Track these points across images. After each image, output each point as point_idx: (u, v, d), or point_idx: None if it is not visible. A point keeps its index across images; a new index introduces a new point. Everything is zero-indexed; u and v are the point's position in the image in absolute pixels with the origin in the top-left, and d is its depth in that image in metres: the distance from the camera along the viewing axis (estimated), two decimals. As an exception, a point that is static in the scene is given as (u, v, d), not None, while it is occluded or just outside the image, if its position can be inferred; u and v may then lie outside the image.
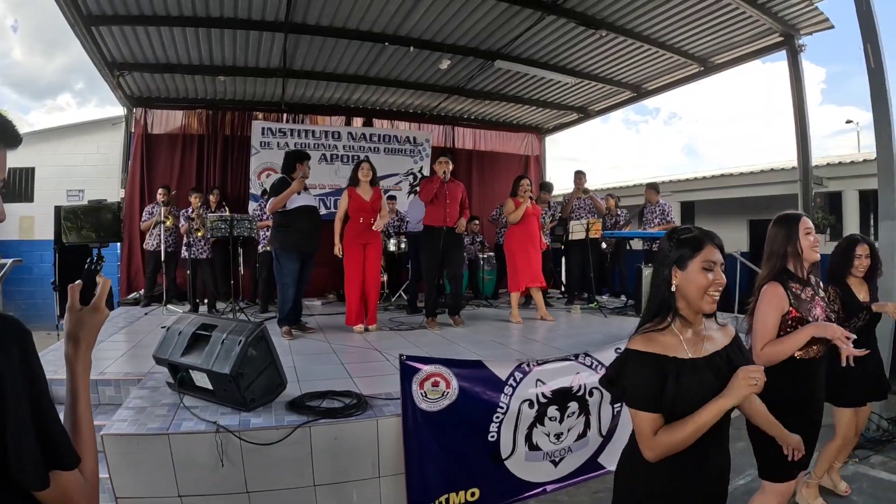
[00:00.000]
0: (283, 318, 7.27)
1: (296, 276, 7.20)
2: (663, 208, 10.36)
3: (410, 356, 3.97)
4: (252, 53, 9.43)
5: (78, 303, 1.50)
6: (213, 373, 3.95)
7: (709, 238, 2.14)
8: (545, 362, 4.42)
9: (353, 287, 7.49)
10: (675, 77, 10.69)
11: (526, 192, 8.15)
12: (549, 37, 8.95)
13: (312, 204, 7.48)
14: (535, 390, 4.28)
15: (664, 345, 2.10)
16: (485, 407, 4.13)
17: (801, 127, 8.33)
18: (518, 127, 14.22)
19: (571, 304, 10.05)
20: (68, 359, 1.47)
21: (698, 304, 2.12)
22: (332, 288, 11.42)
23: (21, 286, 12.83)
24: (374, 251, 7.57)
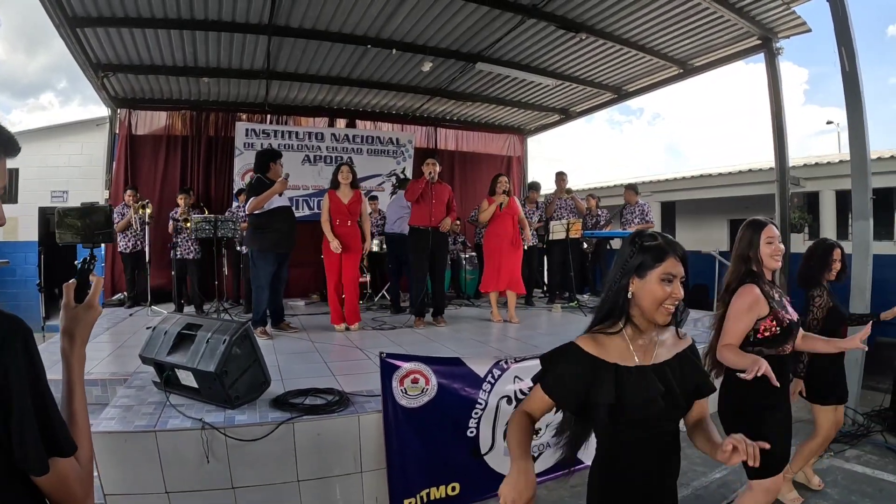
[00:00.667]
0: (258, 319, 7.32)
1: (270, 279, 7.28)
2: (643, 208, 10.49)
3: (391, 354, 4.08)
4: (236, 55, 9.48)
5: (73, 300, 1.59)
6: (198, 371, 4.04)
7: (672, 249, 2.08)
8: (523, 359, 4.53)
9: (332, 288, 7.67)
10: (655, 79, 10.83)
11: (504, 189, 8.22)
12: (530, 40, 9.05)
13: (287, 204, 7.58)
14: (514, 387, 4.40)
15: (609, 349, 2.08)
16: (464, 403, 4.24)
17: (778, 128, 8.45)
18: (500, 128, 14.35)
19: (553, 303, 10.17)
20: (64, 354, 1.55)
21: (652, 315, 2.08)
22: (315, 288, 11.49)
23: (5, 287, 12.95)
24: (352, 253, 7.62)
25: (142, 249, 9.81)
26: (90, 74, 9.67)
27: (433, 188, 7.87)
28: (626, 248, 2.15)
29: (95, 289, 1.64)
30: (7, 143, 1.30)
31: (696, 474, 4.77)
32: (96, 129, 12.73)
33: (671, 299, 2.06)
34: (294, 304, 10.32)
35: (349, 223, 7.55)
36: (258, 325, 7.23)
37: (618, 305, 2.12)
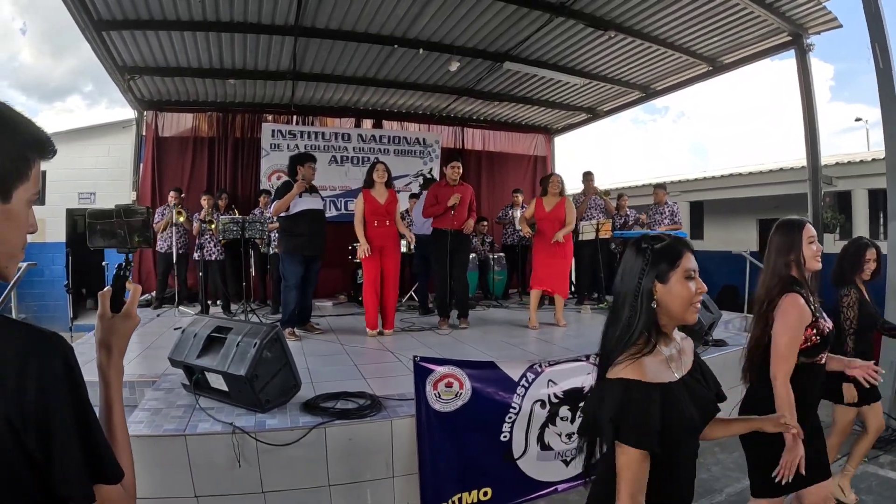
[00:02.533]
0: (286, 320, 7.29)
1: (298, 280, 7.26)
2: (672, 209, 10.36)
3: (424, 357, 4.01)
4: (262, 57, 9.46)
5: (109, 310, 1.49)
6: (228, 375, 3.99)
7: (684, 245, 2.00)
8: (557, 363, 4.45)
9: (370, 292, 7.47)
10: (683, 77, 10.66)
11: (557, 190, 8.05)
12: (558, 38, 8.95)
13: (317, 207, 7.46)
14: (547, 391, 4.32)
15: (654, 370, 1.89)
16: (497, 407, 4.16)
17: (810, 126, 8.29)
18: (527, 128, 14.22)
19: (581, 304, 10.04)
20: (101, 368, 1.45)
21: (683, 316, 1.96)
22: (342, 289, 11.45)
23: (33, 288, 12.93)
24: (391, 255, 7.54)
25: (170, 252, 9.84)
26: (116, 77, 9.71)
27: (455, 190, 7.79)
28: (635, 259, 2.02)
29: (133, 297, 1.54)
30: (42, 145, 1.17)
31: (729, 480, 4.69)
32: (123, 131, 12.77)
33: (698, 295, 1.97)
34: (321, 304, 10.25)
35: (387, 223, 7.47)
36: (287, 325, 7.20)
37: (649, 319, 1.96)
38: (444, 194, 7.79)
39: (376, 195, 7.45)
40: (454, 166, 7.90)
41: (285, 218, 7.25)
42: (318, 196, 7.57)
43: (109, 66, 9.22)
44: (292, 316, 7.33)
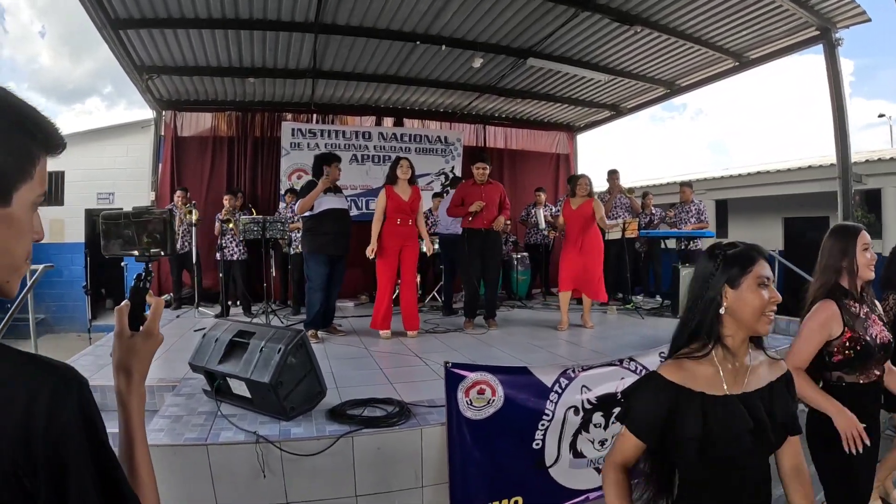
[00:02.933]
0: (310, 321, 7.17)
1: (323, 281, 7.12)
2: (698, 207, 10.17)
3: (456, 363, 3.84)
4: (281, 55, 9.35)
5: (127, 328, 1.32)
6: (251, 381, 3.85)
7: (757, 252, 1.92)
8: (590, 368, 4.28)
9: (385, 291, 7.32)
10: (709, 73, 10.42)
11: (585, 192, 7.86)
12: (583, 33, 8.77)
13: (341, 206, 7.31)
14: (581, 396, 4.16)
15: (696, 376, 1.88)
16: (530, 414, 4.01)
17: (839, 123, 8.08)
18: (549, 125, 14.00)
19: (607, 304, 9.85)
20: (120, 394, 1.28)
21: (754, 326, 1.88)
22: (364, 289, 11.32)
23: (52, 289, 13.00)
24: (410, 254, 7.38)
25: (188, 251, 9.71)
26: (134, 77, 9.63)
27: (483, 189, 7.64)
28: (706, 264, 1.97)
29: (155, 312, 1.36)
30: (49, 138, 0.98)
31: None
32: (142, 131, 12.77)
33: (770, 304, 1.86)
34: (343, 305, 10.13)
35: (409, 222, 7.32)
36: (310, 326, 7.08)
37: (706, 324, 1.91)
38: (471, 194, 7.64)
39: (399, 192, 7.27)
40: (479, 167, 7.74)
41: (309, 217, 7.12)
42: (341, 196, 7.43)
43: (127, 65, 9.13)
44: (316, 317, 7.18)
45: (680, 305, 8.46)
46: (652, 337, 7.14)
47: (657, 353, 4.46)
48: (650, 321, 8.52)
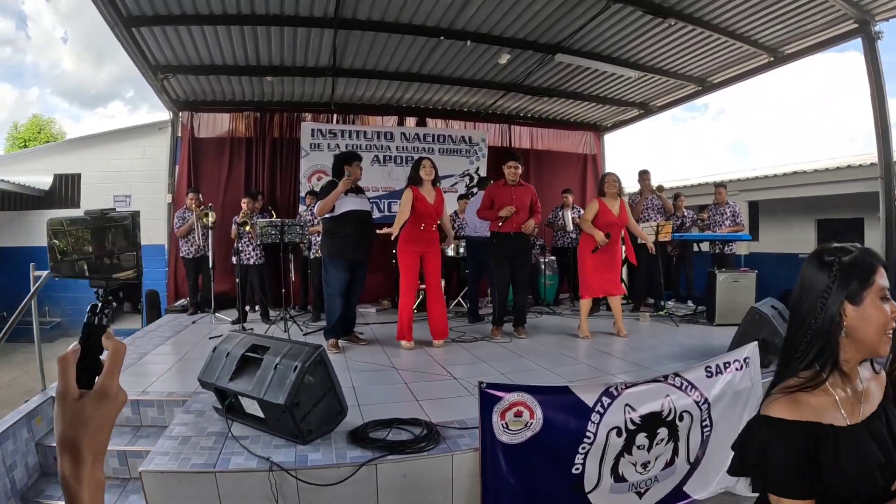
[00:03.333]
0: (330, 329, 6.83)
1: (343, 286, 6.75)
2: (734, 209, 9.75)
3: (491, 384, 3.47)
4: (300, 52, 9.09)
5: (74, 386, 0.90)
6: (265, 402, 3.51)
7: (875, 258, 1.58)
8: (634, 385, 3.90)
9: (408, 299, 6.96)
10: (742, 69, 10.03)
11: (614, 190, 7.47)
12: (614, 27, 8.42)
13: (363, 208, 6.91)
14: (624, 416, 3.78)
15: (816, 408, 1.54)
16: (570, 437, 3.64)
17: (881, 120, 7.74)
18: (576, 125, 13.61)
19: (638, 310, 9.45)
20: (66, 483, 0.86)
21: (876, 346, 1.56)
22: (385, 294, 11.00)
23: (66, 292, 12.93)
24: (433, 260, 7.01)
25: (204, 255, 9.48)
26: (150, 77, 9.46)
27: (514, 191, 7.27)
28: (817, 274, 1.61)
29: (113, 362, 0.94)
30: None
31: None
32: (159, 132, 12.54)
33: (893, 320, 1.55)
34: (365, 311, 9.87)
35: (433, 227, 6.99)
36: (330, 335, 6.77)
37: (828, 349, 1.56)
38: (501, 196, 7.27)
39: (425, 194, 6.91)
40: (511, 166, 7.34)
41: (329, 219, 6.75)
42: (364, 197, 7.04)
43: (142, 65, 8.96)
44: (336, 325, 6.82)
45: (717, 312, 8.17)
46: (689, 346, 6.78)
47: (703, 369, 4.10)
48: (685, 329, 8.10)
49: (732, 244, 9.71)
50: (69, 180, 13.35)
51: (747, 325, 5.72)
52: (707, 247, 10.23)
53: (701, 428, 4.06)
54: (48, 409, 4.82)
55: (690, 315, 9.03)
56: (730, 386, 4.10)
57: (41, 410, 4.73)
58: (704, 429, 4.08)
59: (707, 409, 4.00)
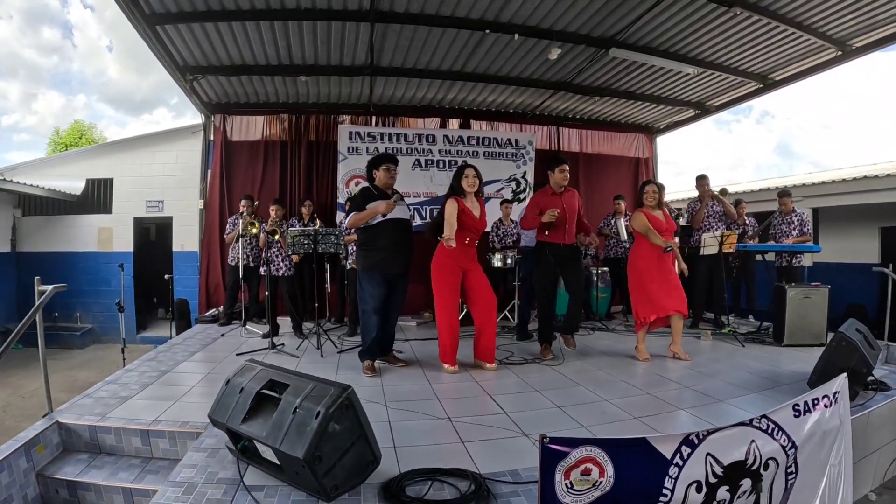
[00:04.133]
0: (366, 349, 6.24)
1: (379, 303, 6.13)
2: (801, 218, 8.99)
3: (555, 438, 2.84)
4: (335, 49, 8.69)
5: None
6: (281, 453, 2.93)
7: None
8: (716, 430, 3.26)
9: (446, 318, 6.32)
10: (807, 64, 9.34)
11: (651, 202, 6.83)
12: (673, 18, 7.82)
13: (401, 216, 6.29)
14: (705, 468, 3.14)
15: None
16: (645, 495, 3.00)
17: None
18: (627, 126, 12.99)
19: (696, 327, 8.73)
20: None
21: None
22: (427, 306, 10.37)
23: (98, 298, 12.96)
24: (479, 276, 6.41)
25: (248, 264, 9.12)
26: (178, 78, 9.19)
27: (563, 198, 6.68)
28: None
29: None
30: None
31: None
32: (191, 136, 12.31)
33: None
34: (405, 324, 9.34)
35: (476, 243, 6.40)
36: (366, 356, 6.22)
37: None
38: (550, 204, 6.64)
39: (470, 207, 6.31)
40: (564, 170, 6.71)
41: (363, 229, 6.17)
42: (403, 204, 6.39)
43: (169, 66, 8.69)
44: (372, 346, 6.22)
45: (786, 332, 7.48)
46: (759, 372, 6.10)
47: (790, 408, 3.45)
48: (750, 350, 7.38)
49: (800, 256, 8.97)
50: (101, 185, 13.20)
51: (832, 353, 5.06)
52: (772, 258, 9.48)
53: (786, 475, 3.43)
54: (52, 435, 4.33)
55: (754, 333, 8.28)
56: (818, 426, 3.47)
57: (44, 437, 4.22)
58: (789, 476, 3.45)
59: (794, 453, 3.37)
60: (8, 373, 9.69)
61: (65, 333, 12.67)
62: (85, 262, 13.03)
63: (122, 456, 4.31)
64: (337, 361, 6.66)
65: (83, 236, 13.09)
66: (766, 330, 8.24)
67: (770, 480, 3.34)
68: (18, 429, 5.37)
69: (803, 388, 5.14)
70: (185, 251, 12.40)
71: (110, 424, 4.38)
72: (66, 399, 5.15)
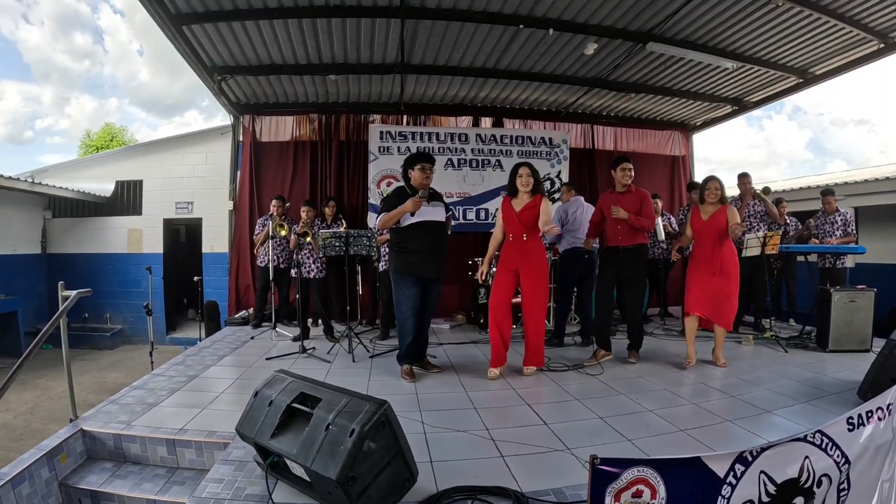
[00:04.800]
0: (403, 353, 6.07)
1: (414, 305, 5.95)
2: (845, 217, 8.68)
3: (606, 459, 2.64)
4: (365, 46, 8.52)
5: None
6: (313, 473, 2.75)
7: None
8: (770, 447, 3.06)
9: (494, 320, 6.12)
10: (848, 57, 9.00)
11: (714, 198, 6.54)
12: (713, 10, 7.54)
13: (436, 218, 6.07)
14: (759, 487, 2.95)
15: None
16: (697, 516, 2.82)
17: None
18: (663, 124, 12.71)
19: (737, 331, 8.44)
20: None
21: None
22: (460, 308, 10.30)
23: (129, 299, 12.97)
24: (529, 275, 6.13)
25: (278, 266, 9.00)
26: (206, 79, 9.10)
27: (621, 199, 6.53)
28: None
29: None
30: None
31: None
32: (221, 137, 12.26)
33: None
34: (438, 327, 9.16)
35: (525, 237, 6.11)
36: (404, 361, 6.08)
37: None
38: (608, 206, 6.57)
39: (515, 204, 6.15)
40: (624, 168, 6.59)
41: (395, 231, 6.01)
42: (439, 205, 6.18)
43: (197, 66, 8.58)
44: (409, 350, 6.06)
45: (830, 337, 7.18)
46: (809, 380, 5.83)
47: (844, 421, 3.25)
48: (795, 355, 7.10)
49: (843, 257, 8.65)
50: (131, 187, 13.16)
51: (883, 362, 4.81)
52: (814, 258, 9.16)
53: (838, 493, 3.23)
54: (76, 444, 4.21)
55: (797, 338, 7.96)
56: (871, 440, 3.27)
57: (67, 446, 4.11)
58: (841, 493, 3.24)
59: (847, 469, 3.18)
60: (37, 373, 9.70)
61: (95, 334, 12.68)
62: (115, 263, 13.03)
63: (148, 465, 4.21)
64: (369, 367, 6.49)
65: (113, 238, 13.08)
66: (808, 334, 7.94)
67: (822, 498, 3.16)
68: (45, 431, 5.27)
69: (851, 397, 5.01)
70: (215, 252, 12.34)
71: (135, 433, 4.27)
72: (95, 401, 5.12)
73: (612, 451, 3.85)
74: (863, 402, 3.86)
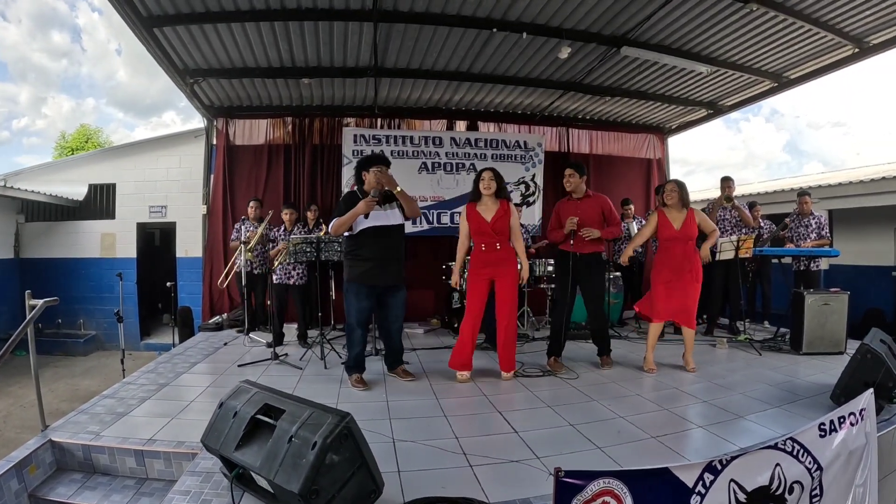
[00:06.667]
0: (352, 364, 6.00)
1: (363, 316, 5.87)
2: (819, 220, 8.74)
3: (570, 472, 2.62)
4: (338, 50, 8.47)
5: None
6: (276, 486, 2.72)
7: None
8: (740, 455, 3.06)
9: (469, 325, 6.11)
10: (823, 62, 9.09)
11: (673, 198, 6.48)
12: (687, 15, 7.59)
13: (389, 223, 5.96)
14: (729, 496, 2.95)
15: None
16: (665, 527, 2.80)
17: None
18: (638, 127, 12.76)
19: (710, 334, 8.49)
20: None
21: None
22: (435, 312, 10.28)
23: (102, 305, 12.83)
24: (504, 284, 6.13)
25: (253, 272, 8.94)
26: (179, 82, 9.03)
27: (579, 205, 6.51)
28: None
29: None
30: None
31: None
32: (195, 140, 12.19)
33: None
34: (412, 331, 9.15)
35: (498, 246, 6.09)
36: (352, 371, 5.99)
37: None
38: (566, 212, 6.54)
39: (482, 210, 6.10)
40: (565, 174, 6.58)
41: (349, 238, 5.93)
42: (394, 209, 6.06)
43: (169, 69, 8.51)
44: (357, 360, 6.00)
45: (804, 340, 7.22)
46: (782, 384, 5.85)
47: (816, 428, 3.27)
48: (769, 358, 7.14)
49: (818, 260, 8.71)
50: (104, 190, 13.06)
51: (857, 366, 4.81)
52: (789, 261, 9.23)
53: (810, 499, 3.24)
54: (45, 455, 4.14)
55: (771, 340, 8.01)
56: (843, 446, 3.31)
57: (36, 457, 4.04)
58: (814, 499, 3.26)
59: (819, 475, 3.21)
60: (10, 380, 9.59)
61: (68, 341, 12.55)
62: (88, 268, 12.90)
63: (117, 476, 4.14)
64: (341, 373, 6.37)
65: (86, 242, 12.94)
66: (782, 337, 8.00)
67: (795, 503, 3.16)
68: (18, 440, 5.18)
69: (825, 401, 5.02)
70: (189, 257, 12.23)
71: (104, 444, 4.20)
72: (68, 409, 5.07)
73: (582, 459, 3.83)
74: (836, 406, 3.87)
